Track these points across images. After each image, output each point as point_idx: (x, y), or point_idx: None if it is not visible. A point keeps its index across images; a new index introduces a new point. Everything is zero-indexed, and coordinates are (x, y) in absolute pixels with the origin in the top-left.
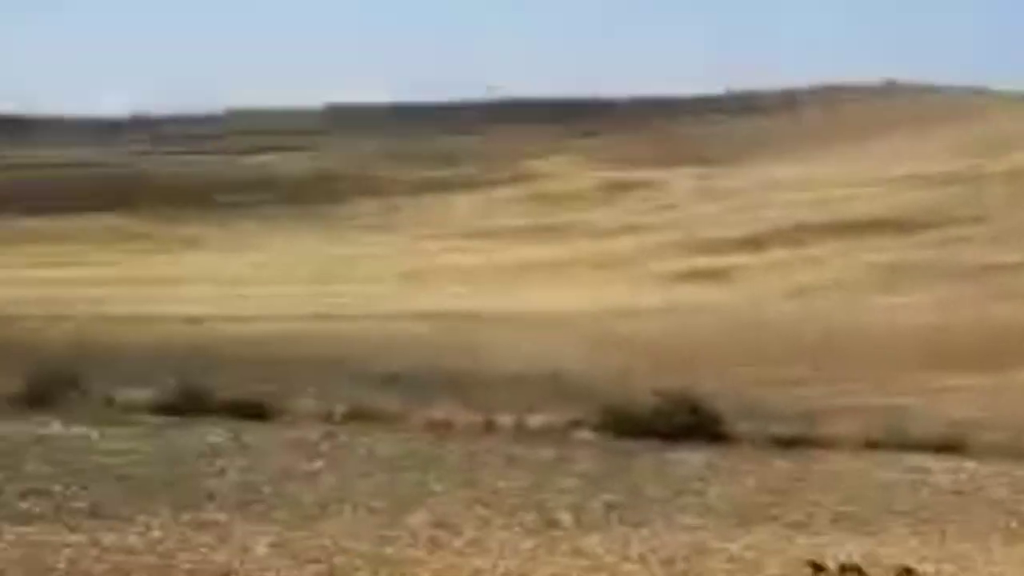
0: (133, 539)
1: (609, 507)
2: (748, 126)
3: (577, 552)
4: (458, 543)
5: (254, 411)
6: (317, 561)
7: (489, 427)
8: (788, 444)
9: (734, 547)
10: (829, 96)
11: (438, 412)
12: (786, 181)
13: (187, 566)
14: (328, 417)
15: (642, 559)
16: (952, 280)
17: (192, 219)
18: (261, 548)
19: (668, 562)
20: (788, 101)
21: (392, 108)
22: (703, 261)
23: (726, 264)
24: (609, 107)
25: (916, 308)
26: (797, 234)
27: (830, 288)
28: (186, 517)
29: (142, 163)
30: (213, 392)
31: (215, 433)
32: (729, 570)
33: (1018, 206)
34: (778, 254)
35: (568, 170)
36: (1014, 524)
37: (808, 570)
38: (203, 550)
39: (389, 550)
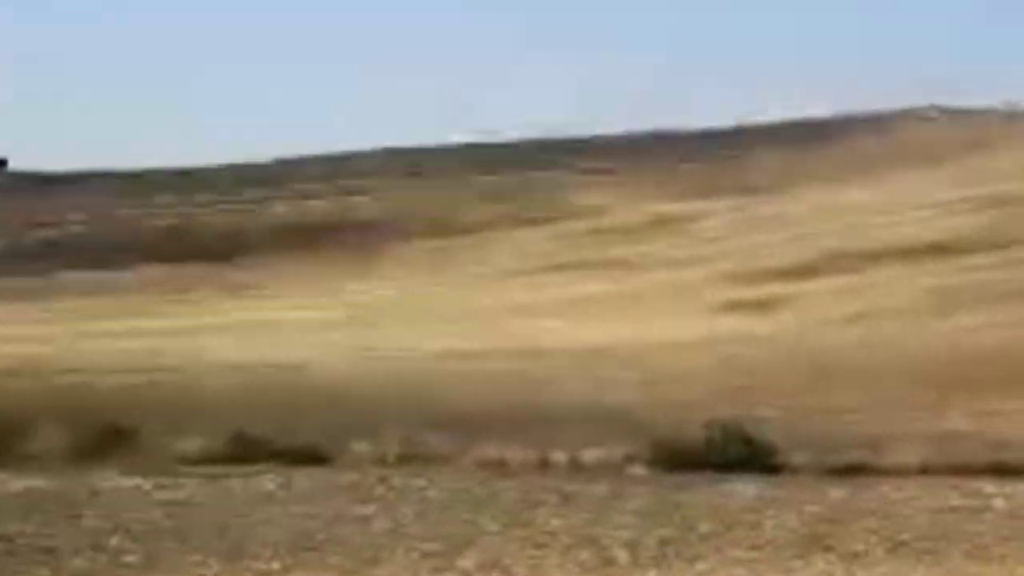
0: None
1: (664, 542)
2: (793, 156)
3: None
4: None
5: (308, 457)
6: None
7: (543, 464)
8: (843, 473)
9: None
10: (873, 123)
11: (491, 450)
12: (832, 207)
13: None
14: (381, 460)
15: None
16: (1008, 302)
17: (236, 267)
18: None
19: None
20: (826, 128)
21: (408, 151)
22: (752, 291)
23: (776, 293)
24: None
25: (971, 331)
26: (847, 261)
27: (882, 314)
28: (240, 566)
29: (172, 215)
30: (267, 440)
31: (268, 480)
32: None
33: None
34: (828, 281)
35: (616, 204)
36: None
37: None
38: None
39: None
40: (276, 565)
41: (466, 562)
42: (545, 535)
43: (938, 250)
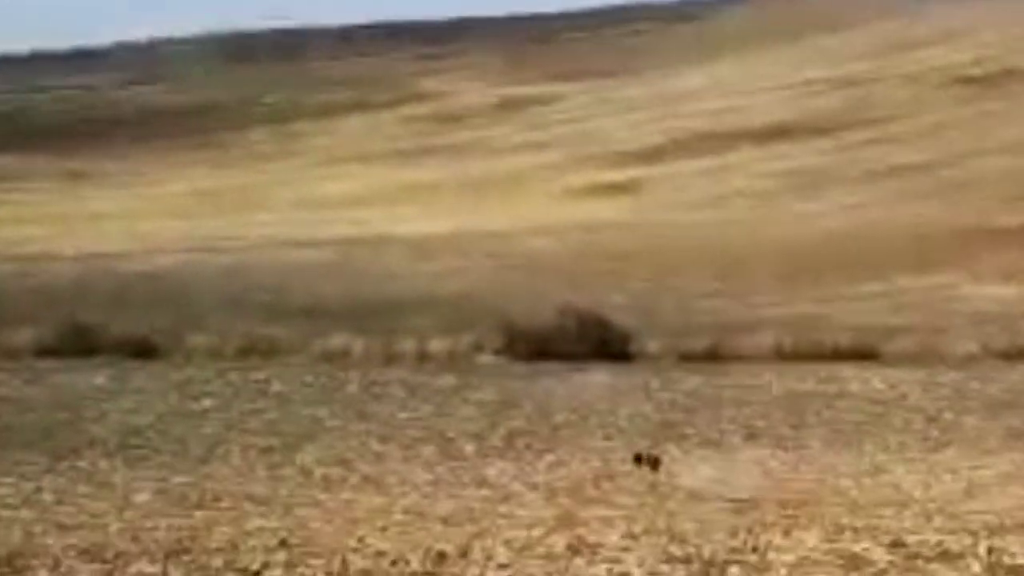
0: (5, 491)
1: (513, 434)
2: (641, 39)
3: (480, 483)
4: (354, 480)
5: (143, 351)
6: (201, 507)
7: (389, 355)
8: (698, 359)
9: (644, 470)
10: (725, 2)
11: (335, 342)
12: (685, 90)
13: (63, 518)
14: (220, 354)
15: (548, 487)
16: (860, 184)
17: (79, 154)
18: (143, 495)
19: (576, 489)
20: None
21: (259, 34)
22: (605, 175)
23: (629, 177)
24: (484, 25)
25: (825, 214)
26: (701, 144)
27: (737, 198)
28: (64, 466)
29: (24, 100)
30: (101, 332)
31: (100, 375)
32: (639, 493)
33: (923, 107)
34: (682, 165)
35: (459, 89)
36: (936, 432)
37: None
38: (82, 500)
39: (281, 491)
40: (104, 464)
41: (305, 458)
42: (389, 428)
43: (792, 132)
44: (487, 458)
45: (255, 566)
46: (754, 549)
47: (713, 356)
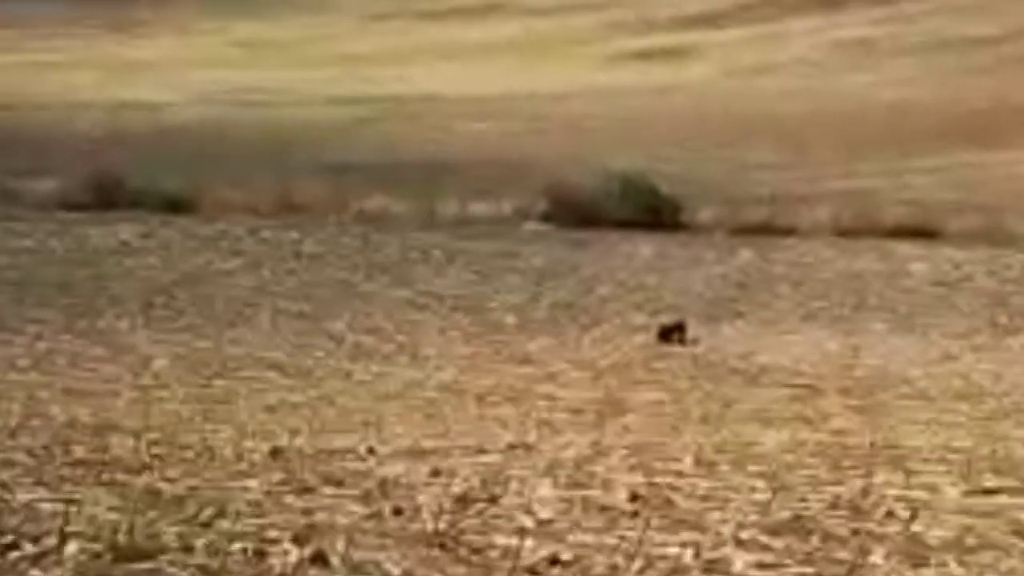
0: (17, 351)
1: (556, 307)
2: None
3: (521, 359)
4: (386, 350)
5: (173, 205)
6: (220, 376)
7: (429, 218)
8: (752, 232)
9: (697, 349)
10: None
11: (373, 203)
12: None
13: (72, 383)
14: (253, 210)
15: (592, 365)
16: (921, 55)
17: (118, 2)
18: (160, 361)
19: (622, 367)
20: None
21: None
22: (658, 40)
23: (681, 43)
24: None
25: (884, 85)
26: (758, 9)
27: (793, 66)
28: (82, 325)
29: None
30: (131, 184)
31: (127, 229)
32: (693, 375)
33: None
34: (736, 32)
35: None
36: (1004, 318)
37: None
38: (93, 364)
39: (307, 361)
40: (124, 324)
41: (336, 324)
42: (426, 296)
43: (850, 0)
44: (528, 332)
45: (263, 450)
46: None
47: (767, 229)
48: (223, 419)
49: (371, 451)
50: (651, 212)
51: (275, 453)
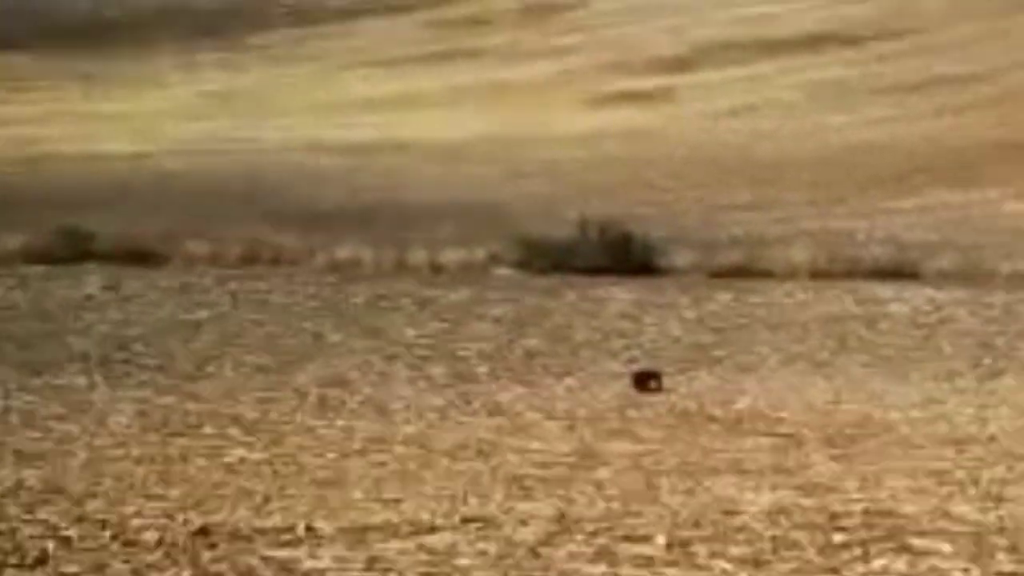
0: None
1: (530, 354)
2: None
3: (493, 410)
4: (353, 404)
5: (139, 257)
6: (180, 433)
7: (400, 266)
8: (728, 275)
9: (674, 397)
10: None
11: (343, 251)
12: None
13: (24, 444)
14: (221, 261)
15: (566, 416)
16: (894, 96)
17: (90, 54)
18: (120, 418)
19: (597, 418)
20: None
21: None
22: (632, 83)
23: (656, 86)
24: None
25: (859, 127)
26: (729, 52)
27: (767, 108)
28: (39, 382)
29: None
30: (96, 236)
31: (92, 282)
32: (670, 425)
33: (958, 17)
34: (713, 74)
35: None
36: (987, 360)
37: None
38: (51, 421)
39: (270, 416)
40: (82, 381)
41: (303, 377)
42: (396, 346)
43: (824, 42)
44: (501, 381)
45: (221, 514)
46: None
47: (744, 272)
48: (177, 480)
49: (310, 530)
50: (625, 257)
51: (203, 533)
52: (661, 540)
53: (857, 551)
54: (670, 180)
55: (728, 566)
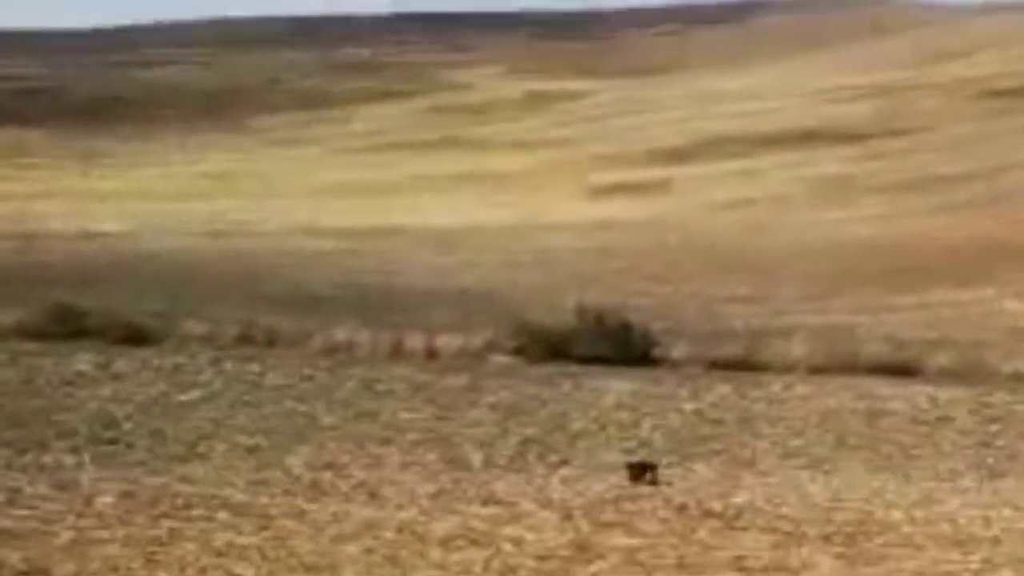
0: None
1: (525, 443)
2: (673, 40)
3: (487, 498)
4: (345, 488)
5: (133, 336)
6: (168, 515)
7: (396, 351)
8: (726, 367)
9: (671, 490)
10: (755, 10)
11: (339, 334)
12: (715, 92)
13: (9, 523)
14: (215, 342)
15: (561, 506)
16: (893, 193)
17: (96, 132)
18: (107, 498)
19: (593, 508)
20: (710, 15)
21: (290, 20)
22: (631, 174)
23: (654, 177)
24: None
25: (856, 222)
26: (730, 146)
27: (766, 202)
28: (26, 460)
29: (34, 78)
30: (90, 314)
31: (84, 360)
32: (667, 518)
33: (957, 117)
34: (711, 167)
35: (487, 81)
36: (990, 460)
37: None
38: (34, 502)
39: (261, 499)
40: (70, 460)
41: (294, 460)
42: (390, 431)
43: (821, 138)
44: (495, 470)
45: None
46: None
47: (742, 364)
48: (164, 564)
49: None
50: (623, 347)
51: None
52: None
53: None
54: (667, 271)
55: None
